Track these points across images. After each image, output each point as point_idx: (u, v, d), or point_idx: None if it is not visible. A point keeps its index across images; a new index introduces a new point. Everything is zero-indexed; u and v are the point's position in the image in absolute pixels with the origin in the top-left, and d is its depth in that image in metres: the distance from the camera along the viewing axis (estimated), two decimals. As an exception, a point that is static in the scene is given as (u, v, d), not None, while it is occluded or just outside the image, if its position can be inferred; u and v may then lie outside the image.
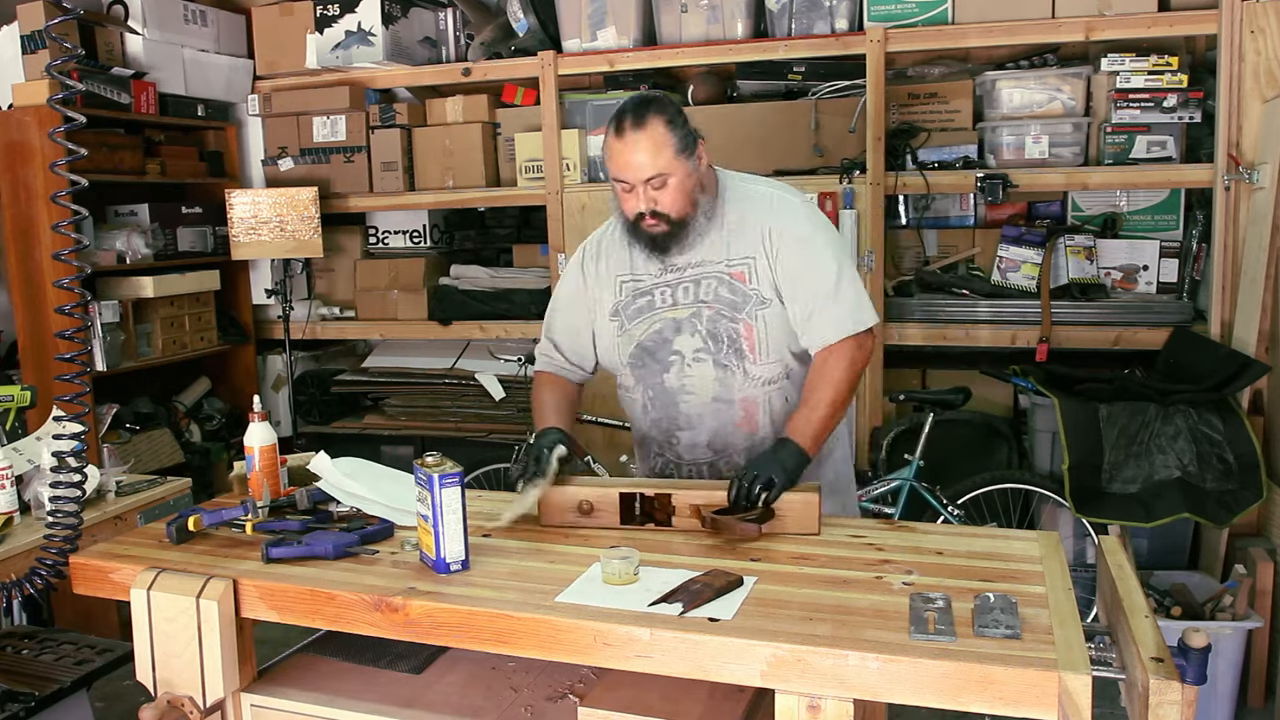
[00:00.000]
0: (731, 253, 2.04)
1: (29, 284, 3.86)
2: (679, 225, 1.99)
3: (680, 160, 1.94)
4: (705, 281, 2.05)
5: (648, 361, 2.10)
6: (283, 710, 1.75)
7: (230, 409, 4.76)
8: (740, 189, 2.09)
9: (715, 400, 2.08)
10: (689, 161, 1.96)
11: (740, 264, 2.04)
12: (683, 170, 1.95)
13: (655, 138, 1.92)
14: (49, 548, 1.91)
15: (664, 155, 1.92)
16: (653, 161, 1.92)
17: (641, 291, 2.10)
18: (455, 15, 4.59)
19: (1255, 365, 3.19)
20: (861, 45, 3.82)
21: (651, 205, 1.96)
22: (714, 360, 2.06)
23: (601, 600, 1.54)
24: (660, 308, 2.08)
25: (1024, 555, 1.70)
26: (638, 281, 2.11)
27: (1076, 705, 1.26)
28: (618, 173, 1.97)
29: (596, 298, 2.16)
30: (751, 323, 2.03)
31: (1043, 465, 3.57)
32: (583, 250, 2.21)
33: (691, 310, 2.06)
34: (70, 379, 1.91)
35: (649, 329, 2.09)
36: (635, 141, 1.92)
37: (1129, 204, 4.00)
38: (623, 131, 1.93)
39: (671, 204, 1.96)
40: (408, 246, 4.85)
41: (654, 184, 1.94)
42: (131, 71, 4.10)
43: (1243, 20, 3.36)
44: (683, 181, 1.96)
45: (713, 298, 2.04)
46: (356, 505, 1.93)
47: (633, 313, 2.11)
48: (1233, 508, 3.08)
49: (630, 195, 1.98)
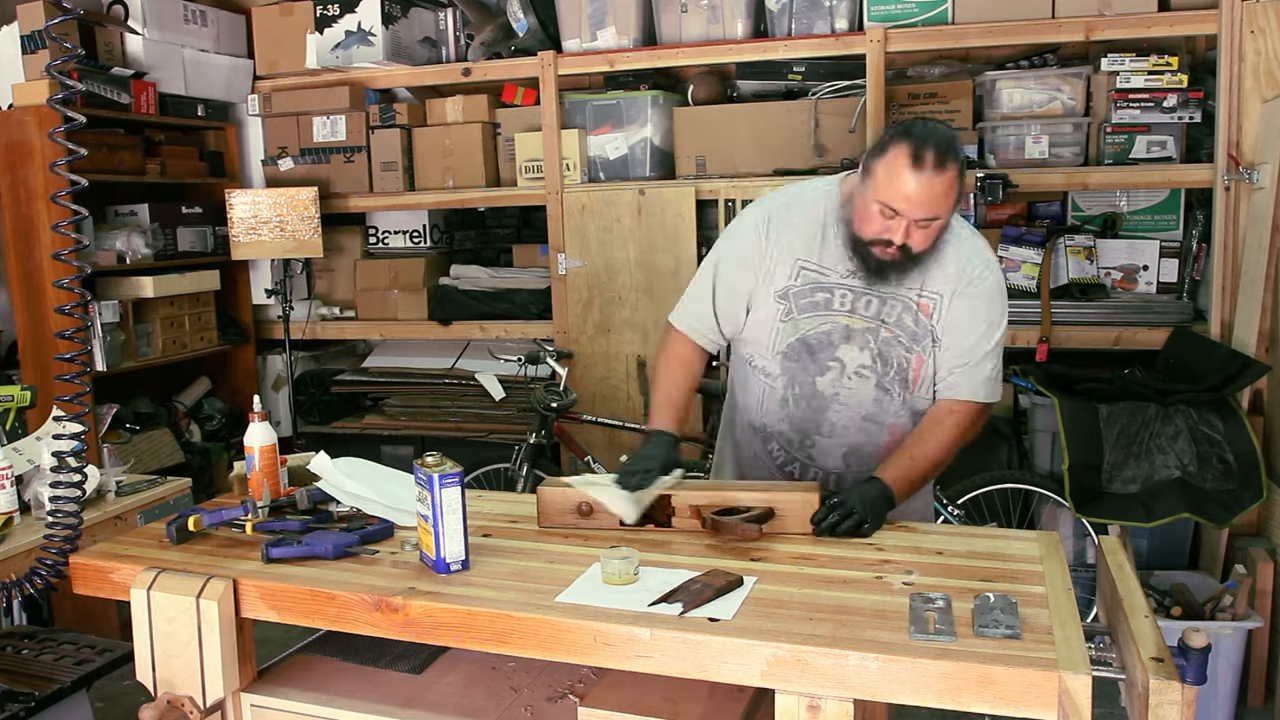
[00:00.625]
0: (927, 284, 1.98)
1: (29, 284, 3.86)
2: (914, 259, 1.91)
3: (951, 203, 1.86)
4: (892, 302, 1.99)
5: (804, 357, 2.03)
6: (283, 710, 1.75)
7: (230, 409, 4.76)
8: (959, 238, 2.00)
9: (866, 419, 2.05)
10: (955, 206, 1.89)
11: (931, 296, 1.98)
12: (949, 215, 1.89)
13: (949, 183, 1.81)
14: (49, 548, 1.91)
15: (948, 202, 1.84)
16: (940, 206, 1.83)
17: (821, 287, 2.00)
18: (455, 15, 4.58)
19: (1255, 365, 3.19)
20: (861, 45, 3.82)
21: (905, 239, 1.86)
22: (877, 381, 2.02)
23: (601, 600, 1.54)
24: (837, 310, 2.00)
25: (1024, 555, 1.71)
26: (821, 274, 2.00)
27: (1076, 705, 1.26)
28: (892, 201, 1.83)
29: (769, 269, 2.02)
30: (925, 357, 2.01)
31: (1043, 465, 3.57)
32: (768, 212, 2.05)
33: (867, 325, 2.00)
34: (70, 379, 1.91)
35: (818, 327, 2.01)
36: (931, 183, 1.80)
37: (1129, 204, 3.99)
38: (922, 166, 1.79)
39: (923, 242, 1.88)
40: (408, 246, 4.85)
41: (921, 224, 1.85)
42: (131, 71, 4.10)
43: (1243, 20, 3.36)
44: (943, 225, 1.90)
45: (895, 320, 1.99)
46: (356, 505, 1.93)
47: (806, 305, 2.01)
48: (1233, 508, 3.08)
49: (886, 221, 1.86)
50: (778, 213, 2.04)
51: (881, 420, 2.05)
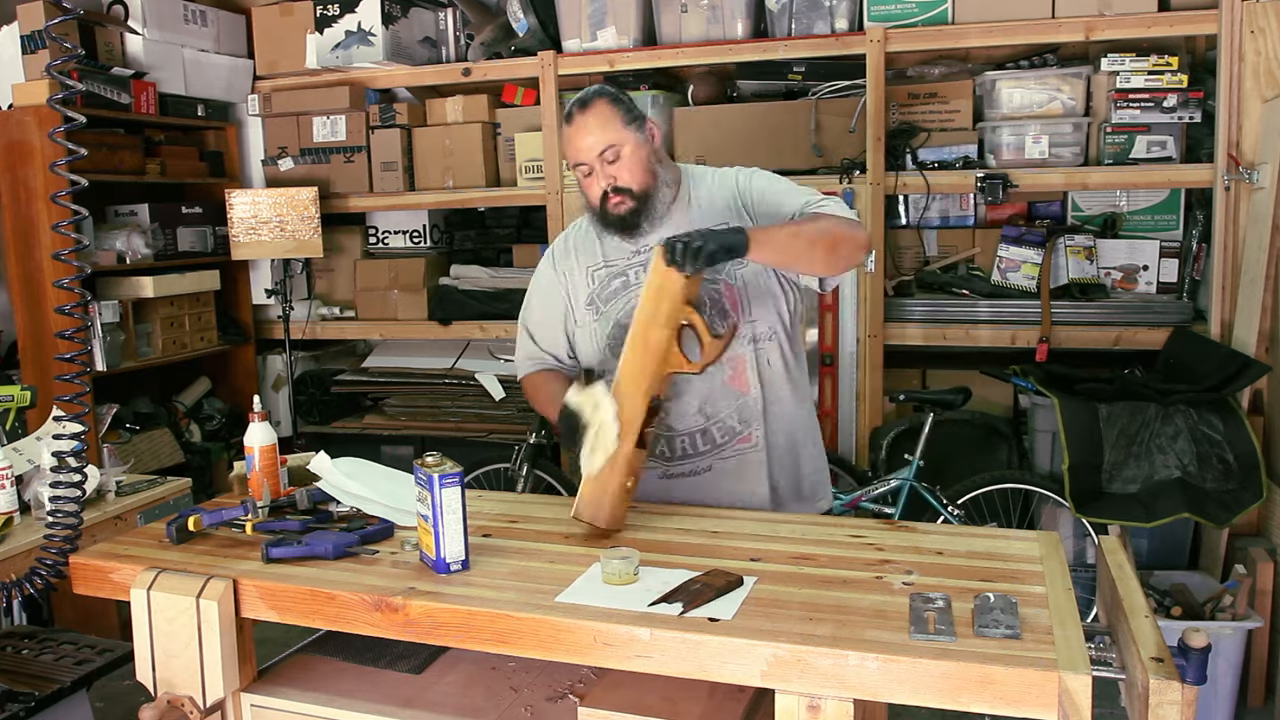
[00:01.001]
0: (706, 221, 2.02)
1: (29, 284, 3.86)
2: (643, 199, 2.02)
3: (629, 131, 2.00)
4: None
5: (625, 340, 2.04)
6: (283, 710, 1.75)
7: (230, 409, 4.76)
8: (705, 173, 2.14)
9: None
10: (638, 133, 2.01)
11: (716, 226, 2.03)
12: (633, 140, 2.00)
13: (601, 114, 2.00)
14: (49, 548, 1.91)
15: (612, 127, 1.99)
16: (602, 135, 1.98)
17: (615, 274, 2.12)
18: (455, 15, 4.58)
19: (1255, 365, 3.19)
20: (861, 45, 3.82)
21: (611, 181, 2.01)
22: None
23: (601, 600, 1.54)
24: (635, 285, 2.07)
25: (1024, 555, 1.70)
26: (610, 266, 2.13)
27: (1076, 705, 1.26)
28: (575, 156, 2.03)
29: (571, 294, 2.18)
30: (731, 281, 2.04)
31: (1043, 465, 3.57)
32: (551, 251, 2.26)
33: None
34: (70, 379, 1.91)
35: (626, 306, 2.07)
36: (583, 123, 2.00)
37: (1129, 204, 4.00)
38: (571, 117, 2.02)
39: (630, 176, 2.01)
40: (408, 246, 4.85)
41: (607, 157, 1.99)
42: (131, 71, 4.10)
43: (1243, 20, 3.36)
44: (635, 151, 2.00)
45: None
46: (356, 505, 1.93)
47: (607, 295, 2.12)
48: (1233, 508, 3.08)
49: (591, 179, 2.03)
50: (558, 247, 2.25)
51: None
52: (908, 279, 4.07)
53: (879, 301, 3.88)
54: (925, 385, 4.13)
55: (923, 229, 4.17)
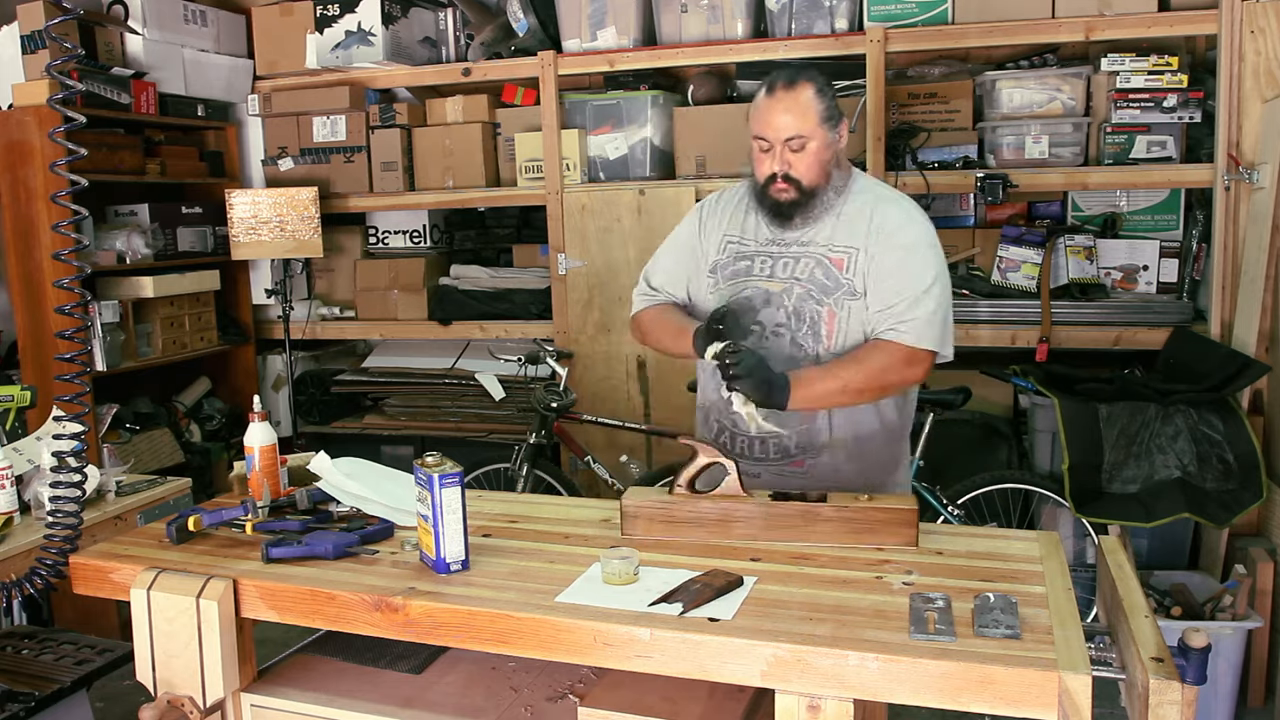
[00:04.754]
0: (837, 237, 2.05)
1: (29, 284, 3.86)
2: (808, 194, 2.02)
3: (822, 128, 1.98)
4: (804, 260, 2.06)
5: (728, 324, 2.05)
6: (283, 710, 1.75)
7: (230, 409, 4.76)
8: (868, 185, 2.12)
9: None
10: (830, 132, 1.99)
11: (843, 251, 2.04)
12: (822, 138, 1.98)
13: (803, 100, 1.96)
14: (49, 548, 1.91)
15: (809, 119, 1.96)
16: (797, 122, 1.96)
17: (743, 255, 2.11)
18: (455, 15, 4.58)
19: (1255, 365, 3.19)
20: (861, 45, 3.82)
21: (785, 168, 1.99)
22: (791, 338, 2.06)
23: (601, 600, 1.54)
24: (756, 276, 2.08)
25: (1024, 555, 1.71)
26: (742, 245, 2.12)
27: (1076, 705, 1.26)
28: (760, 129, 2.00)
29: (704, 251, 2.18)
30: (836, 310, 2.03)
31: (1043, 465, 3.57)
32: (705, 201, 2.24)
33: (784, 286, 2.06)
34: (70, 379, 1.91)
35: (738, 293, 2.09)
36: (783, 100, 1.96)
37: (1129, 204, 3.99)
38: (773, 89, 1.98)
39: (806, 170, 1.99)
40: (408, 246, 4.85)
41: (792, 145, 1.97)
42: (131, 71, 4.10)
43: (1243, 20, 3.36)
44: (820, 149, 1.99)
45: (806, 277, 2.05)
46: (356, 505, 1.93)
47: (729, 274, 2.12)
48: (1233, 508, 3.08)
49: (767, 156, 2.00)
50: (711, 201, 2.23)
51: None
52: (908, 279, 4.06)
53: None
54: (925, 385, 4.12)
55: (923, 229, 4.16)
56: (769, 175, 2.01)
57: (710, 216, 2.19)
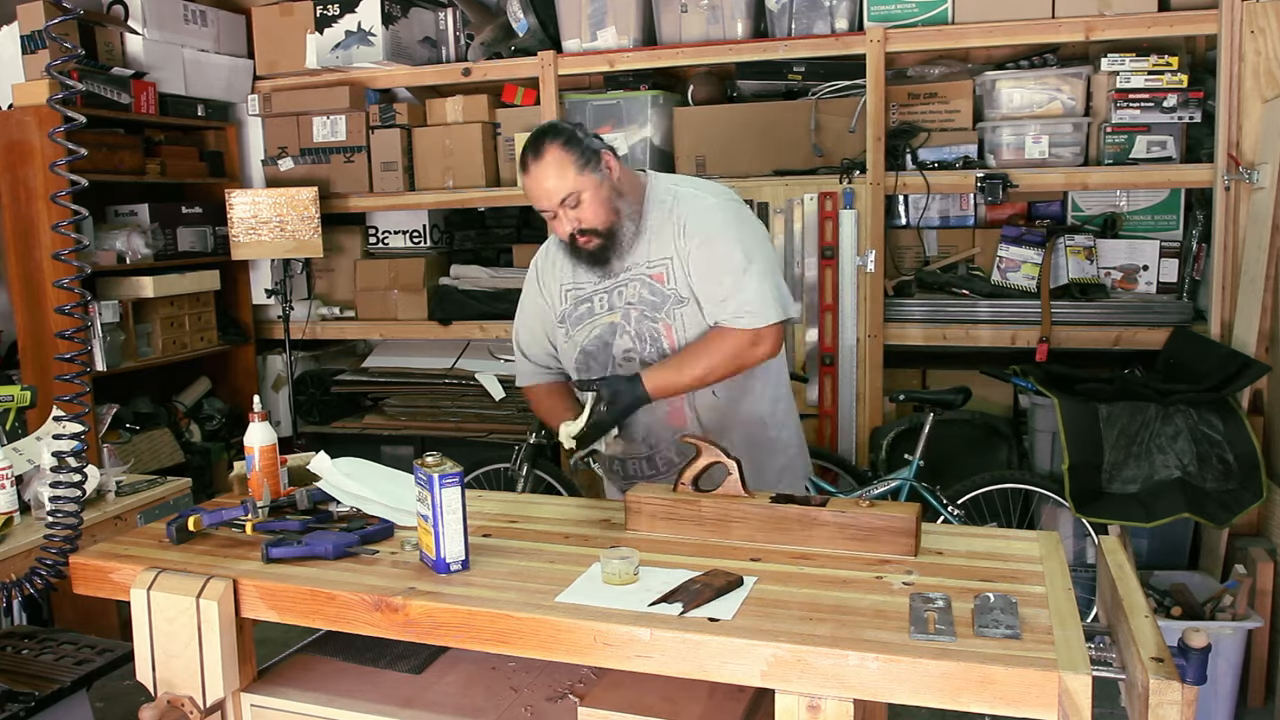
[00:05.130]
0: (652, 254, 2.13)
1: (29, 284, 3.86)
2: (609, 236, 2.10)
3: (586, 175, 2.04)
4: (631, 284, 2.15)
5: (591, 365, 2.21)
6: (283, 710, 1.75)
7: (230, 409, 4.76)
8: (662, 189, 2.16)
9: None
10: (595, 174, 2.05)
11: (659, 264, 2.13)
12: (591, 184, 2.05)
13: (556, 162, 2.03)
14: (49, 548, 1.91)
15: (568, 175, 2.03)
16: (560, 184, 2.03)
17: (582, 299, 2.21)
18: (455, 15, 4.58)
19: (1255, 365, 3.19)
20: (861, 45, 3.82)
21: (576, 224, 2.07)
22: (640, 359, 2.15)
23: (601, 600, 1.54)
24: (599, 313, 2.19)
25: (1024, 555, 1.71)
26: (579, 289, 2.22)
27: (1076, 705, 1.26)
28: (537, 204, 2.09)
29: (550, 305, 2.28)
30: (670, 322, 2.13)
31: (1043, 465, 3.57)
32: (536, 262, 2.33)
33: (621, 313, 2.17)
34: (70, 379, 1.91)
35: (590, 334, 2.20)
36: (536, 171, 2.04)
37: (1129, 204, 3.99)
38: (526, 167, 2.06)
39: (594, 217, 2.06)
40: (408, 246, 4.85)
41: (569, 203, 2.05)
42: (131, 71, 4.10)
43: (1243, 20, 3.36)
44: (595, 194, 2.05)
45: (636, 299, 2.15)
46: (356, 505, 1.93)
47: (575, 319, 2.22)
48: (1233, 508, 3.08)
49: (556, 221, 2.08)
50: (542, 259, 2.31)
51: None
52: (908, 279, 4.07)
53: (879, 301, 3.88)
54: (925, 385, 4.13)
55: (923, 229, 4.17)
56: (569, 233, 2.09)
57: (545, 272, 2.28)
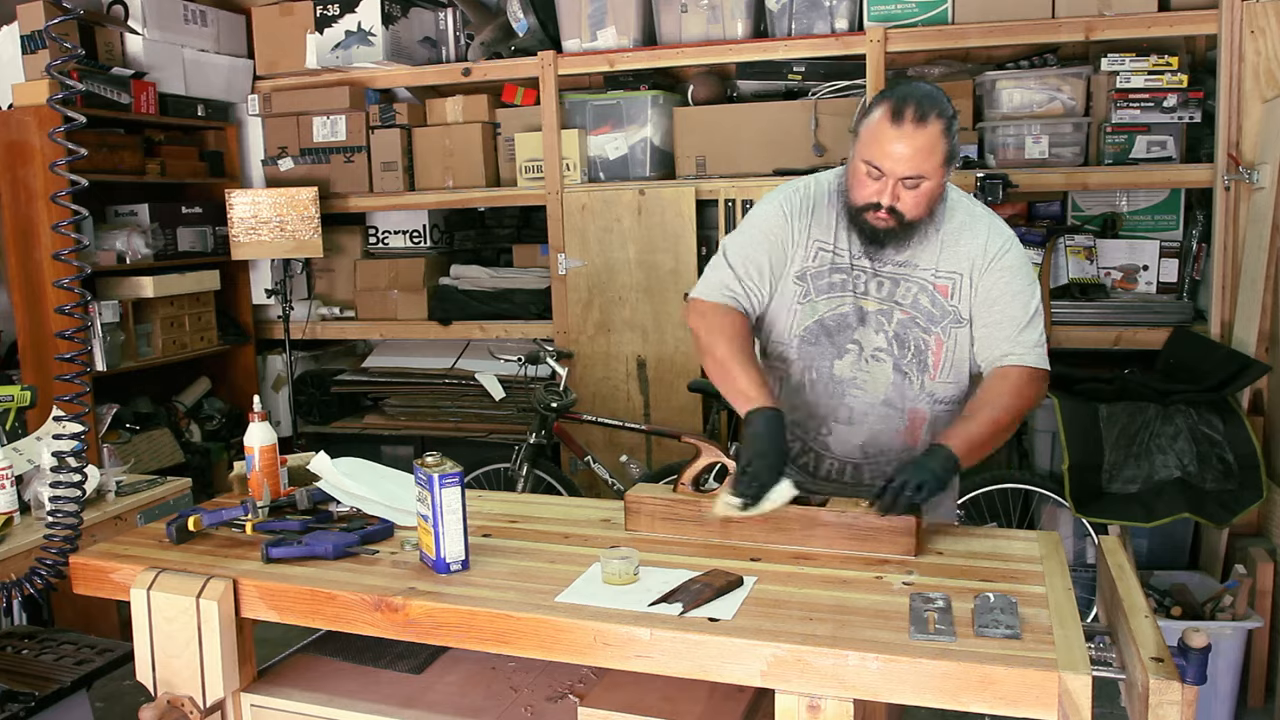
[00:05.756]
0: (942, 264, 1.95)
1: (29, 284, 3.86)
2: (908, 227, 1.89)
3: (943, 169, 1.84)
4: (906, 284, 1.96)
5: (822, 340, 1.99)
6: (283, 710, 1.75)
7: (230, 409, 4.76)
8: (962, 204, 2.00)
9: (885, 403, 2.00)
10: (947, 170, 1.86)
11: (948, 278, 1.95)
12: (939, 178, 1.86)
13: (932, 139, 1.80)
14: (49, 548, 1.91)
15: (933, 160, 1.82)
16: (920, 162, 1.81)
17: (837, 267, 1.98)
18: (455, 15, 4.58)
19: (1255, 365, 3.19)
20: (861, 45, 3.82)
21: (894, 202, 1.85)
22: (894, 364, 1.97)
23: (601, 600, 1.54)
24: (853, 291, 1.97)
25: (1024, 555, 1.71)
26: (836, 256, 1.98)
27: (1076, 705, 1.26)
28: (876, 158, 1.83)
29: (790, 252, 1.99)
30: (944, 339, 1.96)
31: (1043, 465, 3.57)
32: (787, 196, 2.03)
33: (881, 306, 1.97)
34: (70, 379, 1.91)
35: (835, 308, 1.98)
36: (911, 136, 1.79)
37: (1129, 204, 3.99)
38: (901, 120, 1.79)
39: (914, 207, 1.86)
40: (408, 246, 4.85)
41: (908, 183, 1.83)
42: (131, 71, 4.10)
43: (1243, 20, 3.36)
44: (933, 188, 1.86)
45: (910, 302, 1.96)
46: (356, 505, 1.93)
47: (823, 285, 1.98)
48: (1233, 508, 3.08)
49: (874, 183, 1.85)
50: (797, 198, 2.03)
51: (900, 406, 2.00)
52: (908, 279, 4.06)
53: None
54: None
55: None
56: (872, 203, 1.87)
57: (798, 216, 2.00)
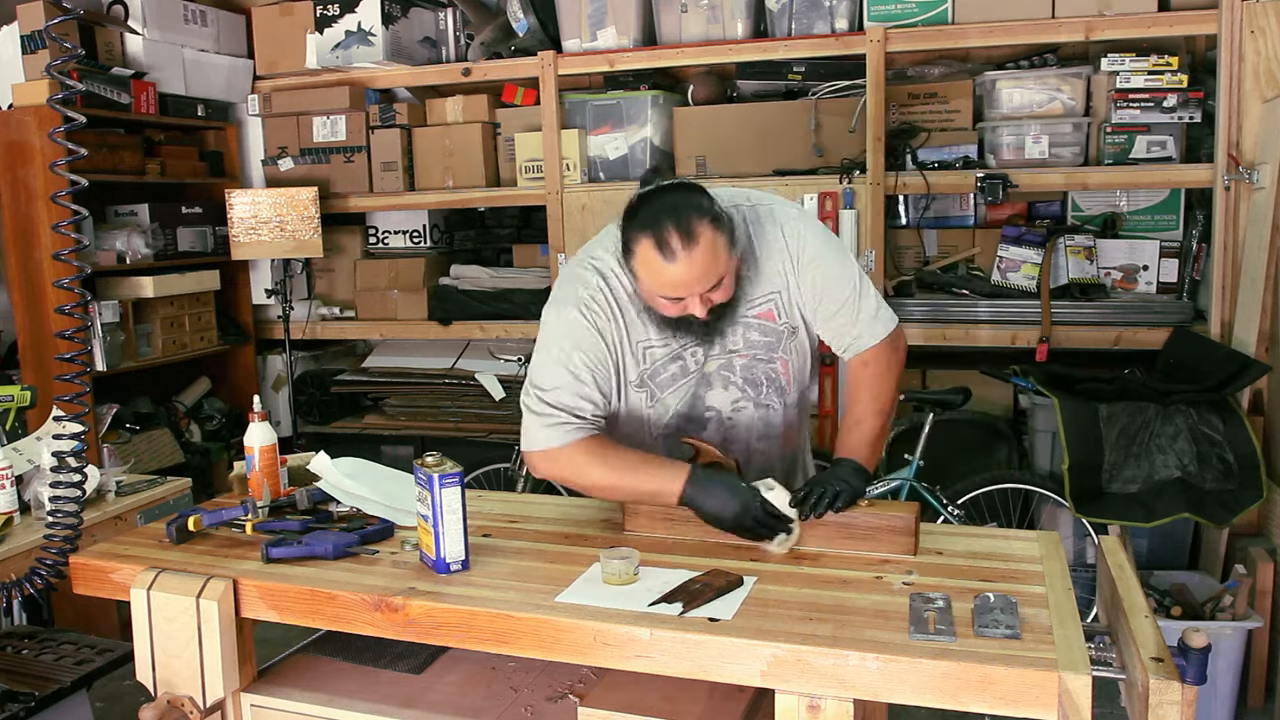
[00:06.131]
0: (754, 295, 1.89)
1: (29, 284, 3.86)
2: (731, 305, 1.84)
3: (731, 257, 1.76)
4: (732, 333, 1.90)
5: (685, 426, 1.96)
6: (283, 710, 1.75)
7: (230, 409, 4.76)
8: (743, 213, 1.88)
9: (761, 439, 2.00)
10: (733, 246, 1.77)
11: (764, 302, 1.90)
12: (733, 266, 1.78)
13: (708, 248, 1.69)
14: (49, 548, 1.91)
15: (719, 263, 1.72)
16: (711, 272, 1.72)
17: (671, 357, 1.90)
18: (455, 15, 4.58)
19: (1255, 365, 3.19)
20: (861, 45, 3.82)
21: (706, 307, 1.77)
22: (754, 404, 1.97)
23: (601, 600, 1.54)
24: (693, 370, 1.92)
25: (1024, 555, 1.71)
26: (666, 346, 1.89)
27: (1076, 705, 1.26)
28: (667, 292, 1.74)
29: (618, 362, 1.90)
30: (786, 357, 1.95)
31: (1043, 465, 3.57)
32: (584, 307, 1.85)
33: (721, 361, 1.92)
34: (70, 379, 1.91)
35: (683, 396, 1.94)
36: (687, 260, 1.68)
37: (1129, 204, 3.99)
38: (670, 251, 1.67)
39: (725, 294, 1.79)
40: (408, 246, 4.85)
41: (711, 293, 1.76)
42: (131, 71, 4.10)
43: (1243, 20, 3.36)
44: (732, 277, 1.80)
45: (743, 345, 1.91)
46: (356, 505, 1.93)
47: (665, 380, 1.92)
48: (1233, 508, 3.08)
49: (677, 303, 1.77)
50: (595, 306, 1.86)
51: (773, 434, 2.01)
52: (907, 279, 4.07)
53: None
54: (925, 385, 4.12)
55: (923, 229, 4.17)
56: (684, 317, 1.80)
57: (606, 322, 1.85)
